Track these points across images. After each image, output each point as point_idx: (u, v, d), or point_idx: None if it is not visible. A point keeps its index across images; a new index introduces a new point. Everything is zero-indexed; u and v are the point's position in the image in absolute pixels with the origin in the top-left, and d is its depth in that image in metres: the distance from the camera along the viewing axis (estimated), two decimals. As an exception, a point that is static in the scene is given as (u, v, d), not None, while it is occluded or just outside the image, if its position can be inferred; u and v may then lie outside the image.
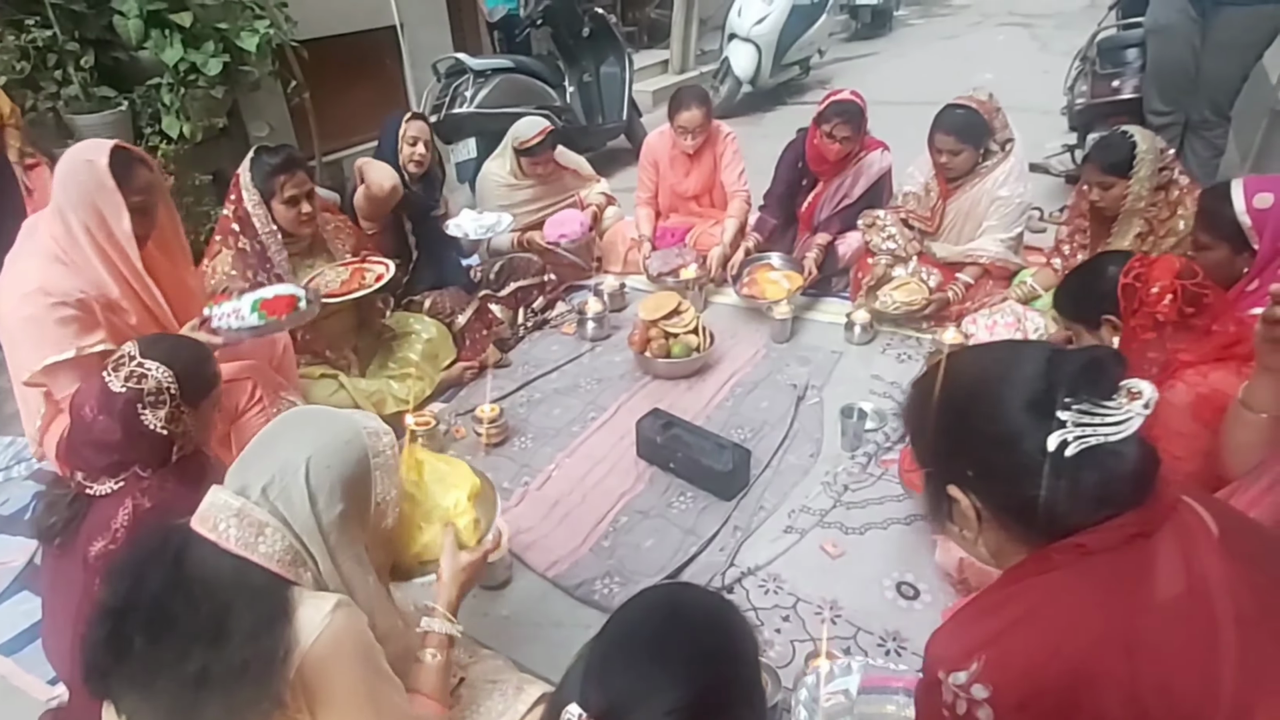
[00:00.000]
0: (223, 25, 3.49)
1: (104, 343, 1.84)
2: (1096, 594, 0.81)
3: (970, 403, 0.92)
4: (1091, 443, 0.81)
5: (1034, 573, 0.86)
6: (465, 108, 4.34)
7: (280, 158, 2.38)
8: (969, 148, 2.89)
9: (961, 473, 0.92)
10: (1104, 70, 3.83)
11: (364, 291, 2.45)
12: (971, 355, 1.00)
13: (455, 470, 1.51)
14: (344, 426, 1.16)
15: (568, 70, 5.14)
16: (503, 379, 2.94)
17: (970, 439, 0.91)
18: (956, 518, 0.95)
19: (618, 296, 3.44)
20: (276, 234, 2.43)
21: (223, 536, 1.04)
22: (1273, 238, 1.86)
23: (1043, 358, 0.88)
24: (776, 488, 2.30)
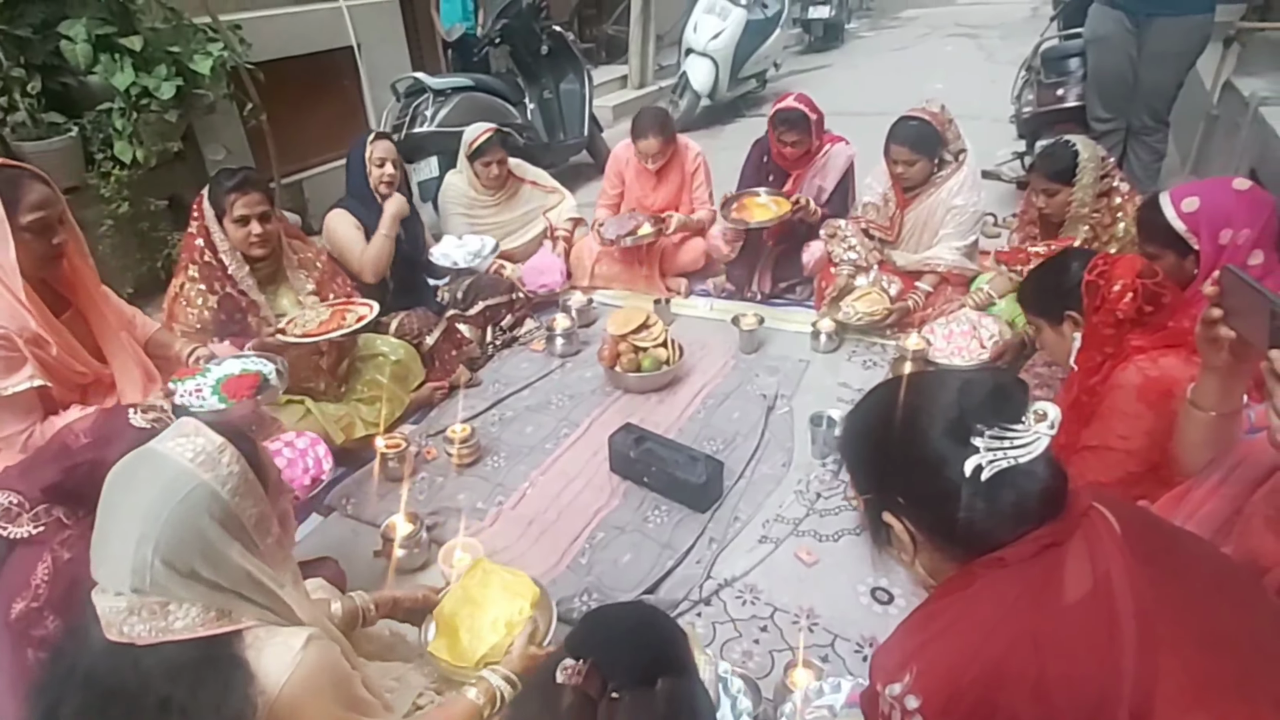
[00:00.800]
0: (175, 48, 3.45)
1: (33, 380, 1.75)
2: (1009, 600, 0.87)
3: (895, 433, 0.97)
4: (1004, 465, 0.87)
5: (959, 587, 0.92)
6: (426, 127, 4.34)
7: (236, 178, 2.36)
8: (923, 158, 2.97)
9: (893, 499, 0.98)
10: (1048, 80, 3.97)
11: (340, 333, 2.38)
12: (895, 389, 1.04)
13: (519, 581, 1.71)
14: (171, 480, 1.01)
15: (527, 88, 5.16)
16: (473, 398, 2.93)
17: (897, 467, 0.97)
18: (894, 541, 1.00)
19: (586, 312, 3.45)
20: (235, 253, 2.40)
21: (135, 636, 0.97)
22: (1209, 236, 1.93)
23: (955, 387, 0.94)
24: (750, 498, 2.33)
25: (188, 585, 0.99)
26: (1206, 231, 1.93)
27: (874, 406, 1.05)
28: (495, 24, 5.20)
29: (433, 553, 2.10)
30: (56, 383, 1.84)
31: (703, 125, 6.55)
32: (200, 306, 2.36)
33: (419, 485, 2.46)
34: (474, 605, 1.65)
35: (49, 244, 1.79)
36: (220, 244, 2.38)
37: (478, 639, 1.58)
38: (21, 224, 1.74)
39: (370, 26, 4.93)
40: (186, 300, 2.37)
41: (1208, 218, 1.93)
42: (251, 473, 1.07)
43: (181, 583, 0.99)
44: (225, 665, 0.98)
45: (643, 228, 3.47)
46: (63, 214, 1.85)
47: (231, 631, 1.01)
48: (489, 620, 1.61)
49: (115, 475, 1.05)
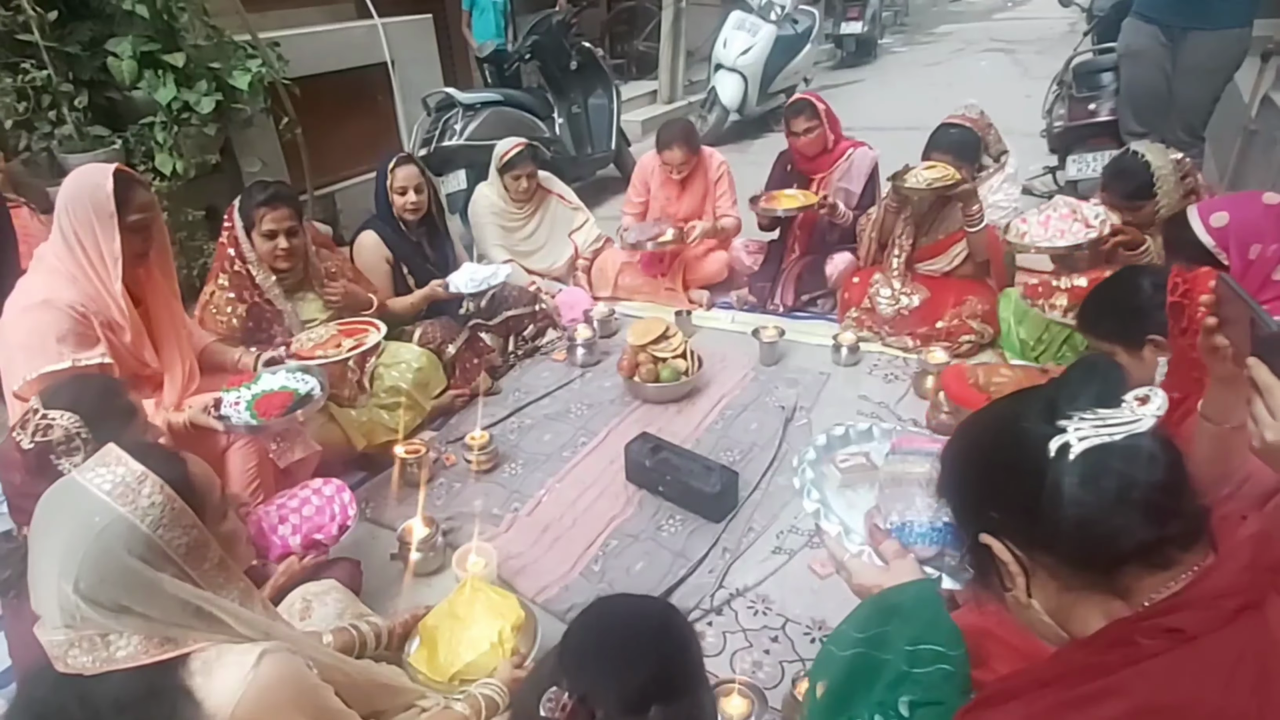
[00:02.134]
0: (215, 65, 3.57)
1: (104, 357, 1.91)
2: (1219, 690, 0.67)
3: (981, 443, 0.90)
4: (1094, 442, 0.76)
5: (1120, 662, 0.73)
6: (455, 140, 4.41)
7: (267, 192, 2.43)
8: (964, 165, 2.95)
9: (987, 516, 0.86)
10: (1080, 94, 3.92)
11: (325, 360, 2.33)
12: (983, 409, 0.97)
13: (506, 602, 1.71)
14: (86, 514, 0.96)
15: (556, 102, 5.23)
16: (493, 406, 2.96)
17: (981, 473, 0.88)
18: (1005, 578, 0.85)
19: (607, 323, 3.48)
20: (262, 264, 2.48)
21: (80, 667, 0.94)
22: (1239, 252, 1.89)
23: (1046, 382, 0.86)
24: (765, 509, 2.32)
25: (119, 619, 0.95)
26: (1236, 247, 1.89)
27: (962, 428, 0.96)
28: (526, 40, 5.29)
29: (448, 557, 2.12)
30: (120, 368, 2.00)
31: (731, 140, 6.58)
32: (229, 315, 2.44)
33: (437, 490, 2.49)
34: (456, 621, 1.66)
35: (143, 244, 1.99)
36: (249, 254, 2.46)
37: (453, 655, 1.59)
38: (127, 223, 1.91)
39: (404, 44, 5.05)
40: (216, 308, 2.45)
41: (1237, 233, 1.89)
42: (179, 500, 1.00)
43: (112, 617, 0.94)
44: (169, 696, 0.94)
45: (666, 234, 3.49)
46: (156, 218, 2.03)
47: (178, 657, 0.97)
48: (468, 638, 1.62)
49: (43, 505, 1.00)
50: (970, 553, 0.90)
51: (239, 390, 2.05)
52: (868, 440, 1.47)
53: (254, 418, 1.98)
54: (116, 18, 3.38)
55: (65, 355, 1.85)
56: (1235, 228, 1.89)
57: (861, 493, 1.35)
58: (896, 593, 1.06)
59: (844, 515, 1.27)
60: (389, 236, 3.01)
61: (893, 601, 1.05)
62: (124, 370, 2.02)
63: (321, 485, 2.05)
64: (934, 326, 3.06)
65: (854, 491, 1.37)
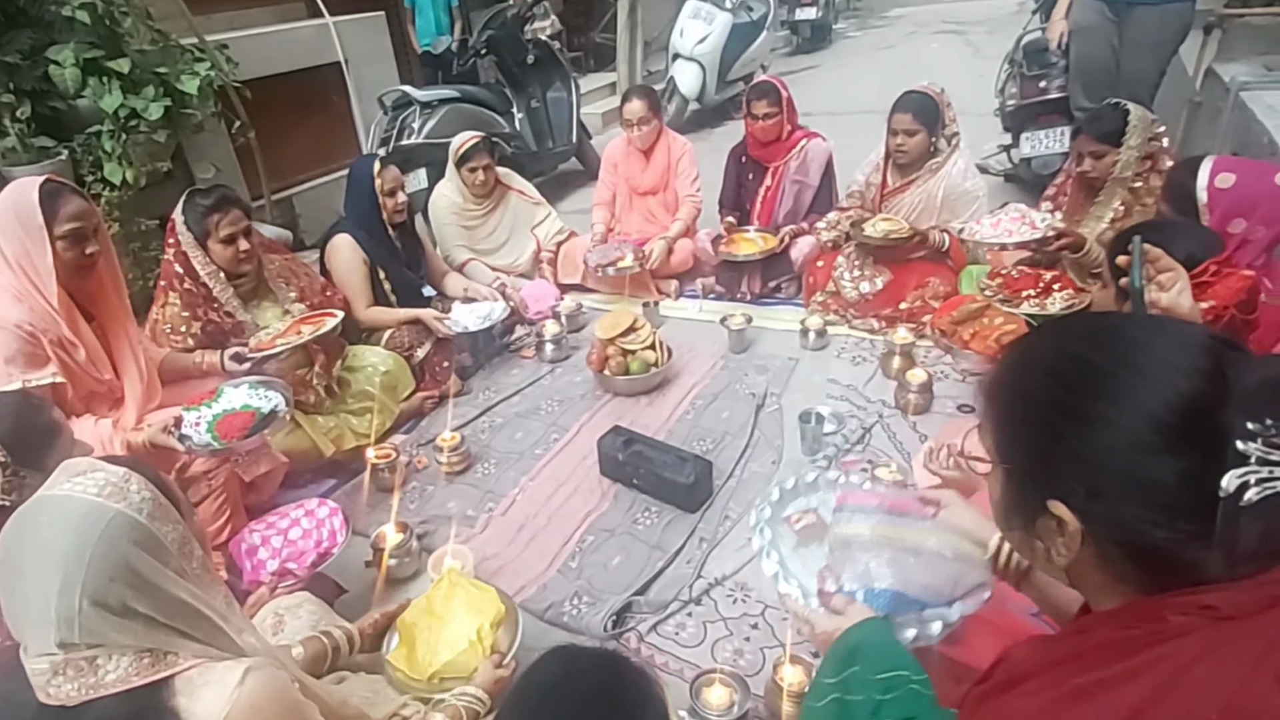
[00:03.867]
0: (162, 70, 3.48)
1: (55, 376, 1.87)
2: (1235, 679, 0.62)
3: (1100, 396, 0.68)
4: (1277, 488, 0.61)
5: (1147, 640, 0.66)
6: (413, 139, 4.36)
7: (213, 198, 2.37)
8: (923, 129, 3.00)
9: (1071, 487, 0.70)
10: (1030, 72, 3.98)
11: (287, 346, 2.34)
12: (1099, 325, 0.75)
13: (484, 596, 1.68)
14: (83, 518, 0.94)
15: (515, 97, 5.18)
16: (464, 406, 2.94)
17: (1093, 448, 0.68)
18: (1044, 534, 0.74)
19: (575, 317, 3.47)
20: (218, 273, 2.42)
21: (63, 697, 0.91)
22: (1221, 219, 1.91)
23: (1213, 350, 0.67)
24: (740, 497, 2.33)
25: (122, 625, 0.93)
26: (1221, 213, 1.91)
27: (1063, 347, 0.75)
28: (481, 35, 5.24)
29: (423, 561, 2.11)
30: (75, 386, 1.95)
31: (692, 129, 6.57)
32: (184, 334, 2.39)
33: (410, 494, 2.47)
34: (434, 618, 1.63)
35: (82, 254, 1.92)
36: (201, 267, 2.39)
37: (432, 654, 1.57)
38: (58, 234, 1.86)
39: (357, 42, 4.96)
40: (171, 326, 2.38)
41: (1231, 201, 1.90)
42: (162, 495, 1.01)
43: (116, 623, 0.93)
44: (154, 718, 0.92)
45: (625, 259, 3.49)
46: (97, 227, 1.97)
47: (164, 679, 0.95)
48: (446, 636, 1.59)
49: (14, 529, 0.96)
50: (1009, 487, 0.79)
51: (199, 409, 2.01)
52: (814, 491, 1.54)
53: (215, 440, 1.94)
54: (57, 25, 3.27)
55: (14, 376, 1.80)
56: (1233, 195, 1.90)
57: (815, 550, 1.43)
58: (854, 632, 1.08)
59: (801, 576, 1.34)
60: (364, 240, 2.96)
61: (852, 642, 1.06)
62: (79, 389, 1.97)
63: (316, 506, 2.03)
64: (898, 308, 3.10)
65: (808, 549, 1.45)
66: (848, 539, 1.32)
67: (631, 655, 1.83)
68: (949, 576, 1.26)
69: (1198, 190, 1.91)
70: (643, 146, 3.75)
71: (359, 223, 3.00)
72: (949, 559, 1.27)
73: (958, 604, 1.25)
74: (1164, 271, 1.24)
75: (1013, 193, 4.27)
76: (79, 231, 1.89)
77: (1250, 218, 1.87)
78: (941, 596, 1.25)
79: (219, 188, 2.49)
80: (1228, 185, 1.89)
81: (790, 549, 1.45)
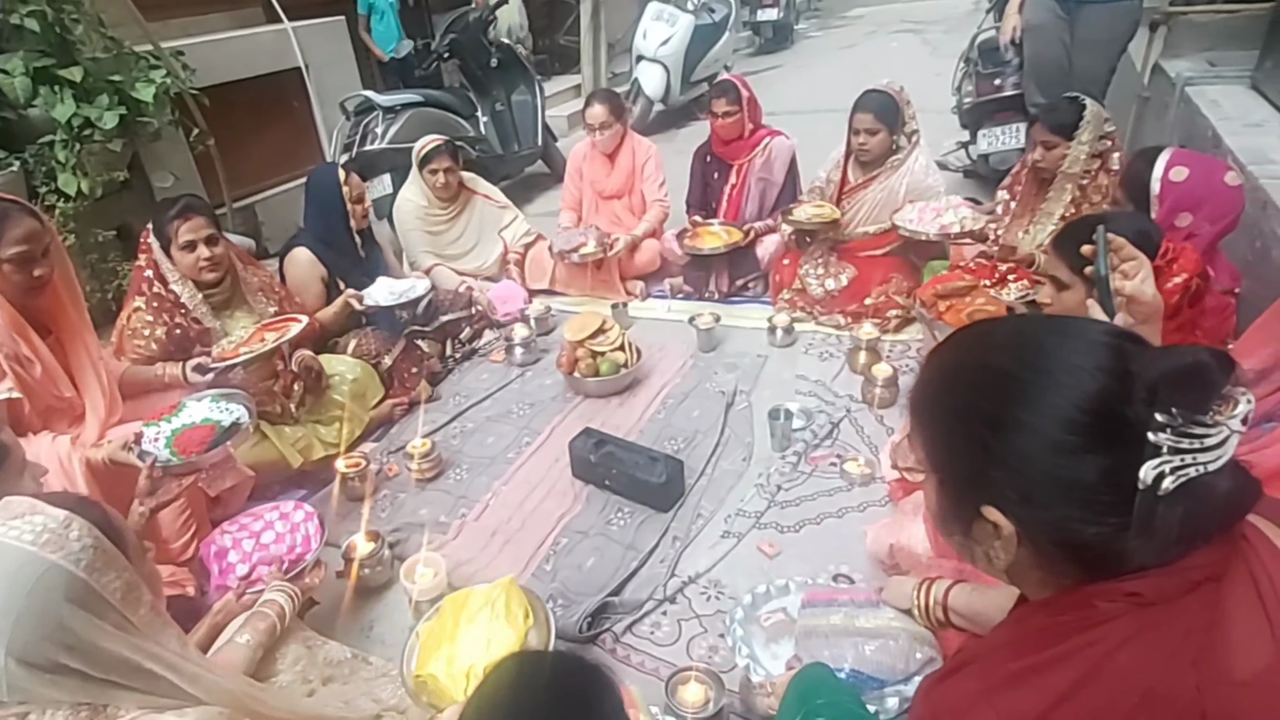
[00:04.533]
0: (116, 78, 3.41)
1: (11, 392, 1.84)
2: (1159, 660, 0.65)
3: (1015, 405, 0.70)
4: (1191, 475, 0.63)
5: (1076, 626, 0.69)
6: (377, 144, 4.33)
7: (177, 205, 2.36)
8: (884, 128, 3.06)
9: (999, 494, 0.72)
10: (986, 70, 4.06)
11: (249, 355, 2.30)
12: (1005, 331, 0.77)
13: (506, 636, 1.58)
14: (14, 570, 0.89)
15: (479, 101, 5.17)
16: (434, 412, 2.93)
17: (1018, 455, 0.70)
18: (981, 538, 0.76)
19: (544, 320, 3.47)
20: (187, 281, 2.39)
21: None
22: (1171, 210, 1.97)
23: (1114, 351, 0.69)
24: (712, 494, 2.35)
25: (55, 681, 0.89)
26: (1170, 206, 1.96)
27: (976, 359, 0.77)
28: (444, 39, 5.22)
29: (395, 570, 2.10)
30: (32, 402, 1.92)
31: (657, 130, 6.60)
32: (147, 339, 2.35)
33: (381, 503, 2.46)
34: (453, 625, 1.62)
35: (30, 276, 1.89)
36: (170, 274, 2.38)
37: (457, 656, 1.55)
38: (3, 257, 1.84)
39: (317, 47, 4.91)
40: (133, 332, 2.35)
41: (1181, 194, 1.96)
42: (106, 541, 0.96)
43: (47, 680, 0.88)
44: None
45: (587, 245, 3.51)
46: (48, 248, 1.93)
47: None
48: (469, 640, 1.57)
49: None
50: (943, 494, 0.80)
51: (159, 424, 1.98)
52: (785, 595, 1.74)
53: (175, 456, 1.90)
54: (4, 33, 3.20)
55: None
56: (1184, 189, 1.95)
57: (784, 644, 1.63)
58: (795, 677, 1.27)
59: (769, 667, 1.56)
60: (322, 251, 2.94)
61: (797, 684, 1.24)
62: (37, 405, 1.94)
63: (293, 510, 2.00)
64: (863, 303, 3.14)
65: (778, 645, 1.64)
66: (811, 630, 1.54)
67: (608, 656, 1.85)
68: (901, 654, 1.44)
69: (1152, 181, 1.96)
70: (606, 150, 3.75)
71: (318, 233, 2.99)
72: (901, 639, 1.46)
73: (915, 679, 1.42)
74: (1128, 260, 1.28)
75: (972, 188, 4.35)
76: (25, 255, 1.86)
77: (1197, 213, 1.93)
78: (896, 673, 1.44)
79: (188, 195, 2.48)
80: (1180, 179, 1.95)
81: (761, 645, 1.65)
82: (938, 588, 1.43)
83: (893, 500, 2.18)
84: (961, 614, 1.37)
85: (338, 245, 2.99)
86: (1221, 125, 2.96)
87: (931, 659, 1.46)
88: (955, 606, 1.38)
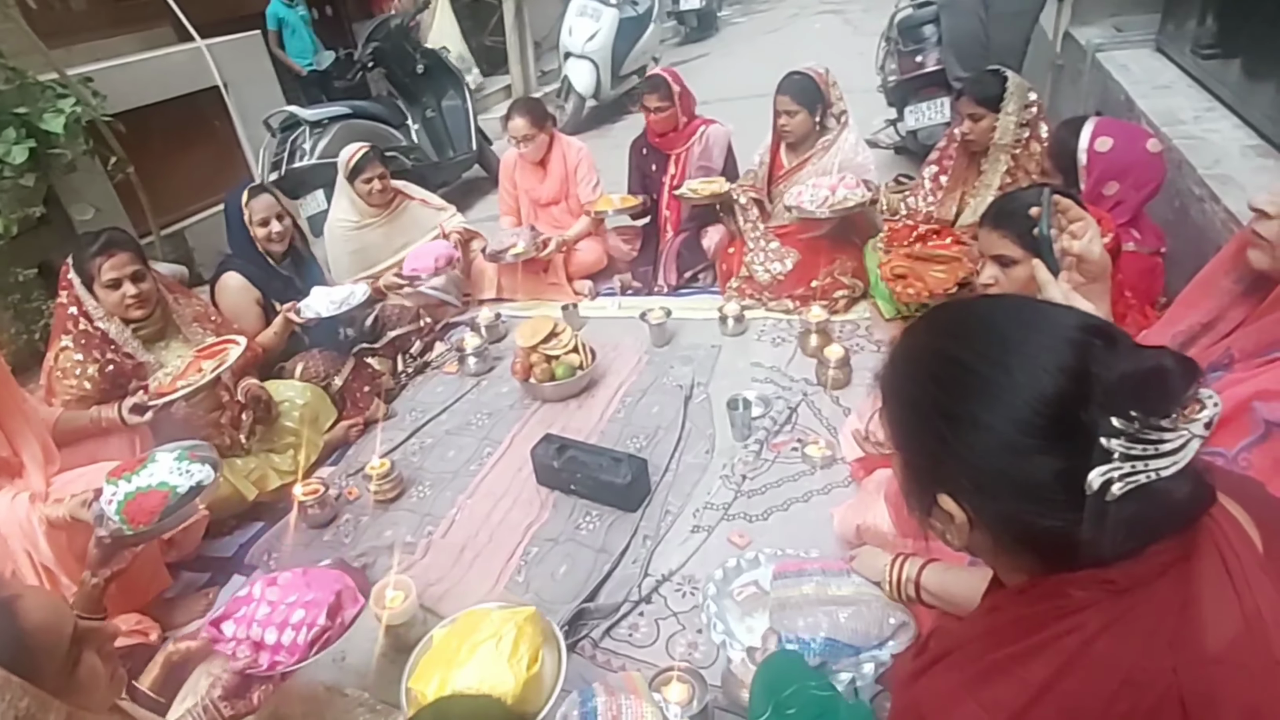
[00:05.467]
0: (22, 110, 3.27)
1: None
2: (1136, 645, 0.66)
3: (973, 399, 0.71)
4: (1140, 481, 0.63)
5: (1052, 615, 0.70)
6: (306, 160, 4.23)
7: (99, 241, 2.25)
8: (803, 109, 3.12)
9: (955, 482, 0.74)
10: (907, 48, 4.15)
11: (189, 388, 2.16)
12: (971, 319, 0.77)
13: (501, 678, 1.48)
14: None
15: (409, 108, 5.09)
16: (391, 430, 2.87)
17: (971, 449, 0.71)
18: (939, 519, 0.78)
19: (495, 328, 3.43)
20: (113, 317, 2.30)
21: None
22: (1098, 180, 2.03)
23: (1080, 345, 0.68)
24: (678, 490, 2.36)
25: None
26: (1097, 176, 2.03)
27: (939, 347, 0.77)
28: (367, 48, 5.12)
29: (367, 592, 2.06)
30: None
31: (591, 126, 6.59)
32: (79, 378, 2.24)
33: (344, 527, 2.41)
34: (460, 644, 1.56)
35: None
36: (95, 311, 2.28)
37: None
38: None
39: (235, 64, 4.76)
40: (63, 372, 2.24)
41: (1107, 164, 2.02)
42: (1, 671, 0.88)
43: None
44: None
45: (517, 246, 3.49)
46: None
47: None
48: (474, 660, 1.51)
49: None
50: (905, 473, 0.82)
51: (118, 483, 1.73)
52: (756, 568, 1.78)
53: (122, 523, 1.67)
54: (-108, 70, 3.03)
55: None
56: (1108, 159, 2.02)
57: (759, 617, 1.65)
58: (760, 669, 1.33)
59: (745, 640, 1.59)
60: (254, 274, 2.85)
61: (763, 676, 1.29)
62: None
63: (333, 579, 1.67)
64: (809, 286, 3.19)
65: (752, 618, 1.68)
66: (784, 601, 1.57)
67: (588, 662, 1.85)
68: (875, 620, 1.48)
69: (1079, 152, 2.03)
70: (534, 160, 3.69)
71: (241, 253, 2.90)
72: (874, 605, 1.50)
73: (889, 644, 1.47)
74: (1074, 221, 1.33)
75: (903, 164, 4.45)
76: None
77: (1123, 181, 2.01)
78: (870, 639, 1.47)
79: (111, 230, 2.35)
80: (1105, 149, 2.02)
81: (736, 619, 1.67)
82: (910, 566, 1.46)
83: (855, 480, 2.22)
84: (934, 593, 1.40)
85: (263, 266, 2.90)
86: (1133, 89, 3.08)
87: (904, 623, 1.49)
88: (928, 585, 1.42)
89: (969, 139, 2.76)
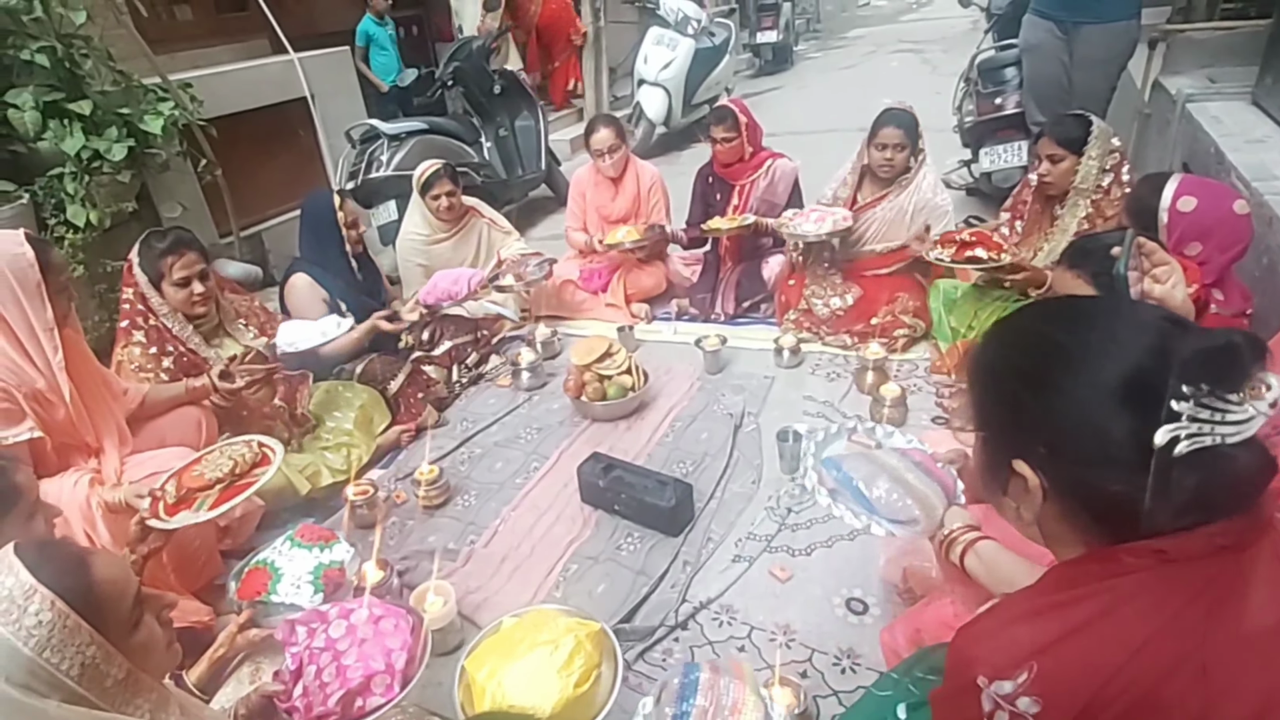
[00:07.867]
0: (125, 110, 3.45)
1: (33, 431, 1.84)
2: (1172, 607, 0.71)
3: (1056, 367, 0.77)
4: (1205, 443, 0.67)
5: (1099, 575, 0.75)
6: (382, 171, 4.36)
7: (167, 240, 2.36)
8: (909, 144, 3.08)
9: (1032, 447, 0.79)
10: (986, 89, 4.09)
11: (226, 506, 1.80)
12: (1065, 308, 0.84)
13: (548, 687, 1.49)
14: None
15: (483, 127, 5.21)
16: (441, 438, 2.92)
17: (1051, 412, 0.77)
18: (1014, 493, 0.83)
19: (550, 344, 3.46)
20: (176, 314, 2.42)
21: None
22: (1181, 240, 1.95)
23: (1159, 327, 0.75)
24: (722, 518, 2.33)
25: None
26: (1179, 236, 1.94)
27: (1030, 326, 0.85)
28: (447, 67, 5.28)
29: (405, 598, 2.08)
30: (53, 441, 1.93)
31: (659, 153, 6.66)
32: (155, 369, 2.36)
33: (389, 530, 2.44)
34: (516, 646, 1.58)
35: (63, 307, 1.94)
36: (159, 308, 2.39)
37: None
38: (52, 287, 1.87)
39: (323, 77, 4.97)
40: (139, 366, 2.35)
41: (1190, 225, 1.94)
42: (73, 615, 0.91)
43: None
44: None
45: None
46: (65, 284, 1.96)
47: None
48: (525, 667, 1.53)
49: None
50: (984, 452, 0.87)
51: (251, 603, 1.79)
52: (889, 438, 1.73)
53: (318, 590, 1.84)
54: (15, 69, 3.24)
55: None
56: (1192, 220, 1.94)
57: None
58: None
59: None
60: (321, 276, 2.96)
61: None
62: (56, 443, 1.94)
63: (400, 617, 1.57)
64: (869, 323, 3.14)
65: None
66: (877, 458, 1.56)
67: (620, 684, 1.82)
68: (899, 501, 1.46)
69: (1160, 211, 1.95)
70: (612, 174, 3.75)
71: (315, 259, 3.02)
72: (910, 495, 1.46)
73: (894, 525, 1.45)
74: (1160, 265, 1.29)
75: (975, 206, 4.37)
76: (64, 284, 1.92)
77: (1206, 242, 1.92)
78: (883, 511, 1.47)
79: (176, 229, 2.48)
80: (1189, 209, 1.94)
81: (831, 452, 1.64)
82: (971, 533, 1.37)
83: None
84: (982, 561, 1.31)
85: (333, 269, 3.02)
86: (1224, 141, 2.96)
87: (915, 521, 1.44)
88: (980, 552, 1.33)
89: (1046, 181, 2.69)
